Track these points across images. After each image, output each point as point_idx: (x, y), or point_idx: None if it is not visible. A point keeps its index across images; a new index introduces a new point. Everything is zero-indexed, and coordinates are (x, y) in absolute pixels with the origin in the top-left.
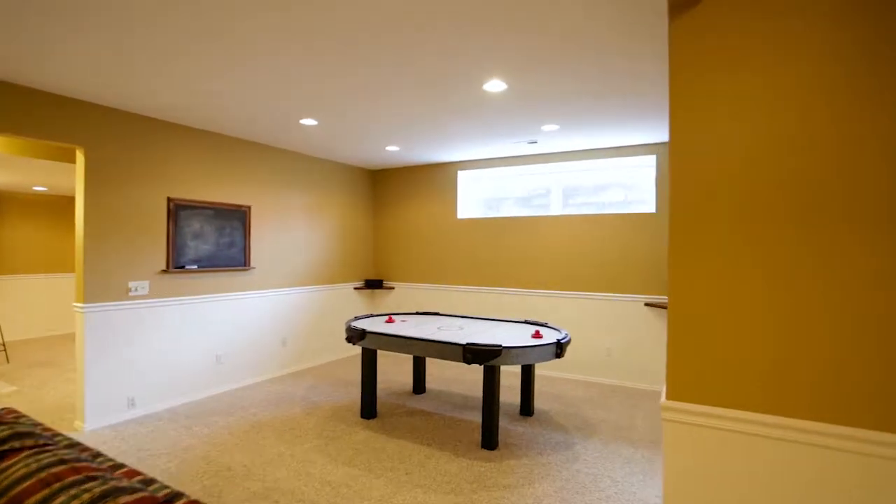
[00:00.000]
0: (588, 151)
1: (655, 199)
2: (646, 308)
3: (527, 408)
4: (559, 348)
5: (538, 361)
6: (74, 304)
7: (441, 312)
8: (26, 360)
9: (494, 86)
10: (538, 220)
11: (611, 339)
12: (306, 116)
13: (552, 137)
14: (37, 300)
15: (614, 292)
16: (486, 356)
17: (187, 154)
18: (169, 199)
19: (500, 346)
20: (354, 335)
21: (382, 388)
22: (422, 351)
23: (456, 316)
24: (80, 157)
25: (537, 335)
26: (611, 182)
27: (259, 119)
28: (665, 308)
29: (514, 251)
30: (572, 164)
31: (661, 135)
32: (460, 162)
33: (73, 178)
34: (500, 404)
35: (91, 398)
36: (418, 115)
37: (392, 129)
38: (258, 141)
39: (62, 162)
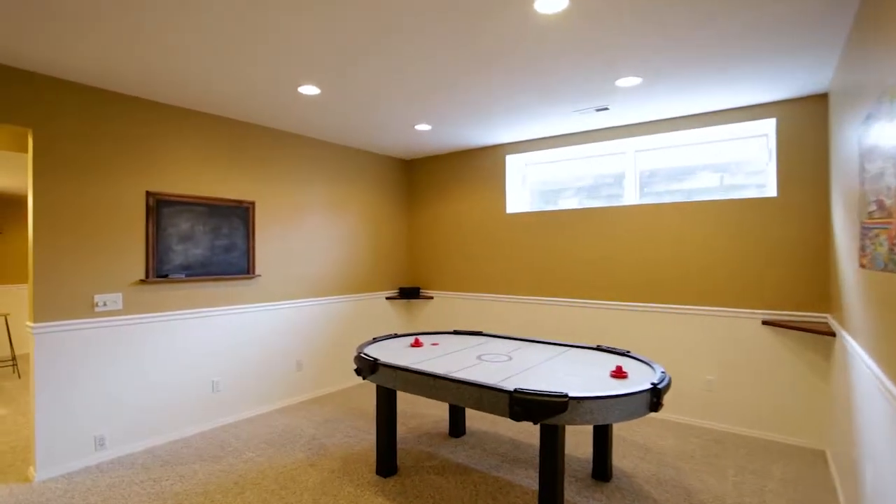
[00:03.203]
0: (674, 121)
1: (777, 179)
2: (763, 328)
3: (602, 469)
4: (655, 397)
5: (625, 420)
6: (27, 323)
7: (485, 332)
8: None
9: (551, 2)
10: (608, 213)
11: (712, 369)
12: (305, 82)
13: (629, 99)
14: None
15: (716, 305)
16: (543, 411)
17: (172, 139)
18: (148, 194)
19: (564, 395)
20: (364, 367)
21: (409, 427)
22: (451, 397)
23: (503, 337)
24: (29, 141)
25: (619, 373)
26: (705, 160)
27: (247, 89)
28: (797, 329)
29: (577, 252)
30: (653, 138)
31: (785, 89)
32: (508, 144)
33: None
34: (564, 461)
35: (44, 439)
36: (445, 68)
37: (414, 95)
38: (261, 123)
39: (18, 152)
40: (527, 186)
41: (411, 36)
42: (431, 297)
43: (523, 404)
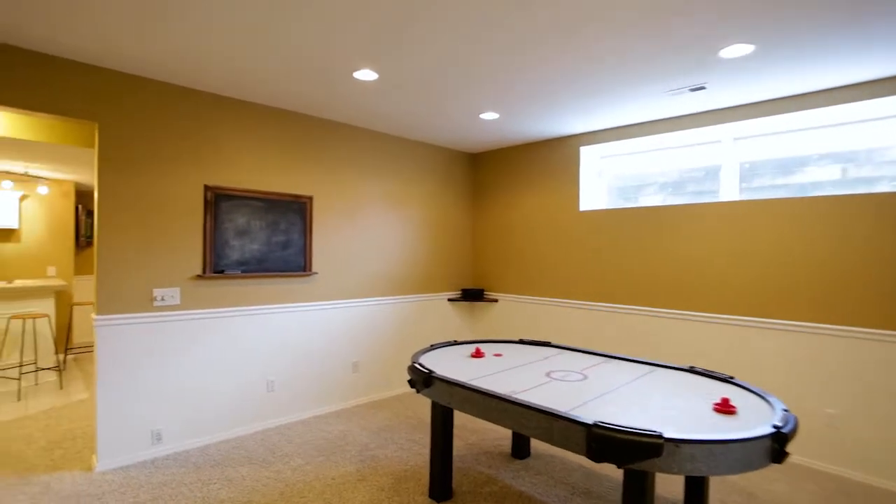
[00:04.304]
0: (785, 101)
1: None
2: None
3: None
4: (779, 444)
5: (737, 472)
6: (92, 315)
7: (554, 343)
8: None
9: None
10: (699, 211)
11: (834, 400)
12: (361, 66)
13: (734, 74)
14: None
15: (839, 323)
16: (630, 453)
17: (230, 132)
18: (206, 188)
19: (659, 435)
20: (417, 379)
21: (468, 443)
22: (514, 423)
23: (576, 350)
24: (95, 135)
25: (725, 407)
26: (824, 148)
27: (302, 76)
28: None
29: (661, 255)
30: (756, 123)
31: None
32: (583, 135)
33: None
34: None
35: (105, 431)
36: (515, 43)
37: (480, 78)
38: (318, 115)
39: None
40: (603, 181)
41: (478, 2)
42: (496, 300)
43: (605, 442)
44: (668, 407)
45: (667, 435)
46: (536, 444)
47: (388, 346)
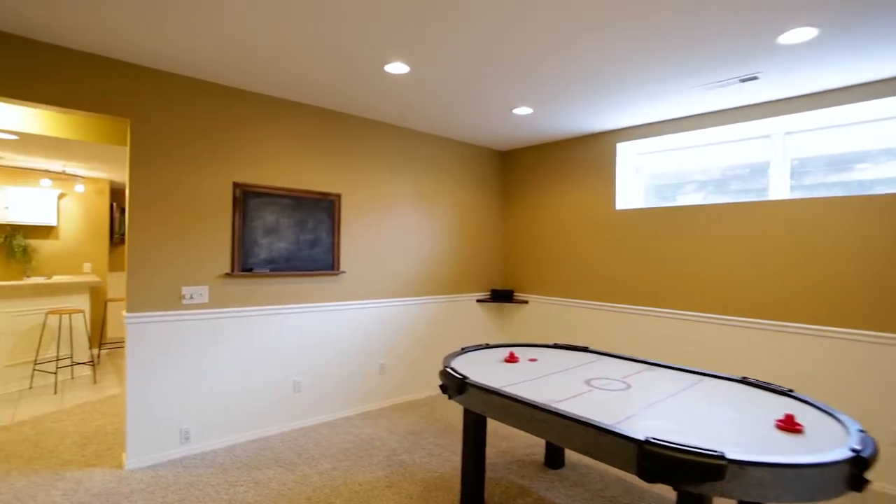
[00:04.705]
0: (843, 92)
1: None
2: None
3: None
4: (859, 470)
5: (806, 500)
6: (123, 312)
7: (591, 348)
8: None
9: None
10: (748, 210)
11: None
12: (392, 59)
13: (791, 62)
14: None
15: None
16: (688, 474)
17: (258, 128)
18: (235, 185)
19: (720, 455)
20: (450, 385)
21: (499, 450)
22: (556, 435)
23: (616, 356)
24: (128, 132)
25: (790, 424)
26: (886, 142)
27: (332, 70)
28: None
29: (703, 256)
30: (809, 116)
31: None
32: (620, 130)
33: None
34: None
35: (134, 429)
36: (552, 31)
37: (515, 70)
38: (348, 111)
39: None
40: (640, 179)
41: None
42: (526, 302)
43: (659, 461)
44: (724, 422)
45: (730, 455)
46: (571, 454)
47: (415, 347)
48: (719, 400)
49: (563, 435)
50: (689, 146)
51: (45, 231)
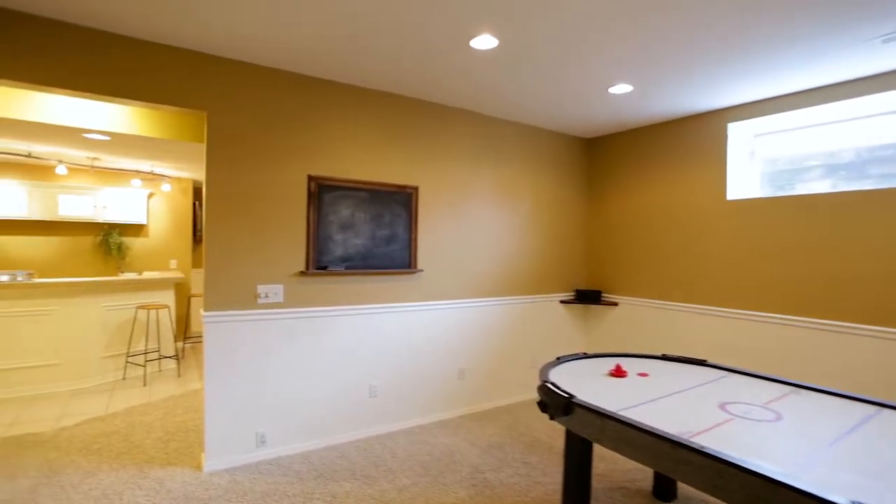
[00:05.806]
0: None
1: None
2: None
3: None
4: None
5: None
6: (201, 311)
7: (709, 362)
8: None
9: None
10: (891, 200)
11: None
12: (480, 31)
13: None
14: None
15: None
16: None
17: (333, 118)
18: (310, 178)
19: None
20: (553, 404)
21: (596, 474)
22: (706, 483)
23: (746, 373)
24: (205, 126)
25: None
26: None
27: (410, 48)
28: None
29: (839, 253)
30: None
31: None
32: (732, 108)
33: None
34: None
35: (213, 430)
36: None
37: (609, 39)
38: (426, 98)
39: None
40: (756, 164)
41: None
42: (615, 304)
43: None
44: None
45: None
46: (683, 485)
47: (496, 351)
48: None
49: (714, 482)
50: (813, 124)
51: (136, 229)
